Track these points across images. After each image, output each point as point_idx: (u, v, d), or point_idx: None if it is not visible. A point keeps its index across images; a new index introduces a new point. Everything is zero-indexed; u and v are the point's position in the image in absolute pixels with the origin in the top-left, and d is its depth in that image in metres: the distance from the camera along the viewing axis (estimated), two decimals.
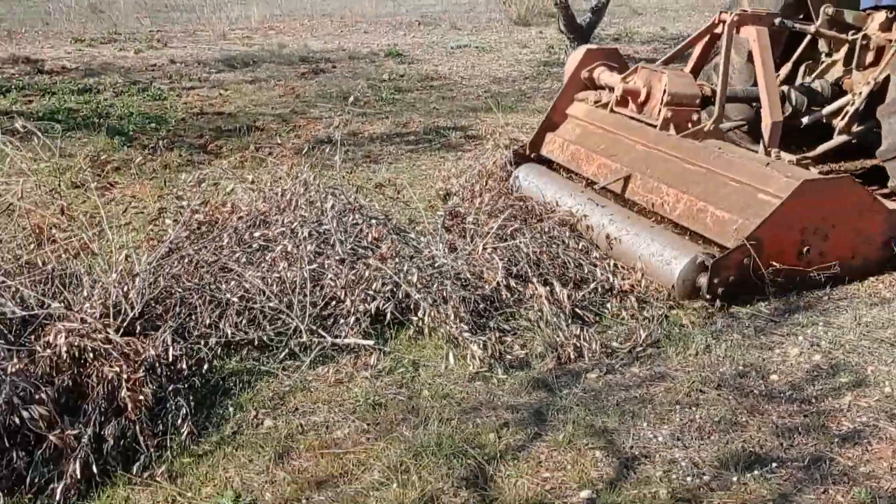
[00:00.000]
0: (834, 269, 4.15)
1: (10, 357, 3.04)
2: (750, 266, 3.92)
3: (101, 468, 2.75)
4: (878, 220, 4.28)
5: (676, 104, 4.83)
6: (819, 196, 4.05)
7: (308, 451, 2.94)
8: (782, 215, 3.95)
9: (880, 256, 4.36)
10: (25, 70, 9.94)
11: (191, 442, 2.95)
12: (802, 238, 4.06)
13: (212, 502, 2.65)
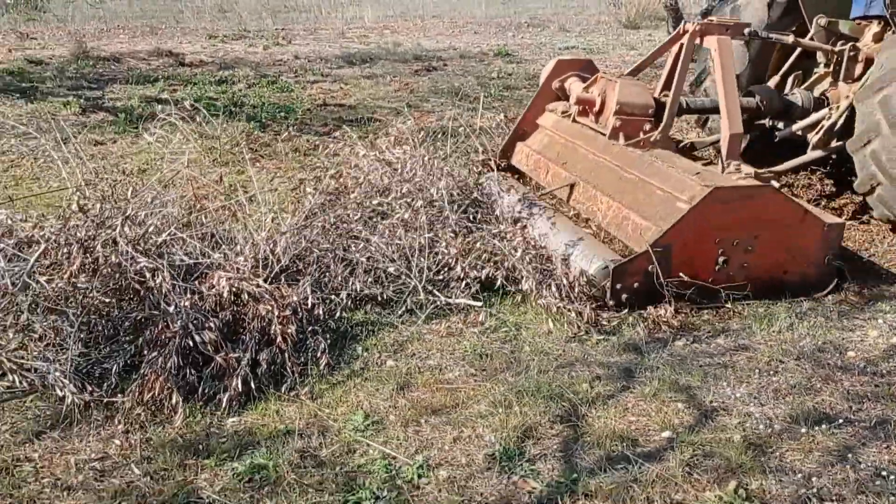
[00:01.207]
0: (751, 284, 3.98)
1: (183, 293, 3.66)
2: (655, 273, 3.85)
3: (257, 386, 3.31)
4: (812, 234, 4.05)
5: (626, 113, 4.82)
6: (736, 205, 3.89)
7: (424, 385, 3.42)
8: (690, 223, 3.84)
9: (819, 274, 4.12)
10: (168, 62, 10.95)
11: (327, 372, 3.48)
12: (720, 249, 3.94)
13: (345, 418, 3.16)
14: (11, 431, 2.99)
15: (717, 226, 3.91)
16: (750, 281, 4.04)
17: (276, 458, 2.88)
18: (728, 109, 4.59)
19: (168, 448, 2.91)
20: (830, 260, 4.14)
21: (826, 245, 4.09)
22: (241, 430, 3.07)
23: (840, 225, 4.18)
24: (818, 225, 4.07)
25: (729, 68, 4.73)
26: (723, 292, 4.00)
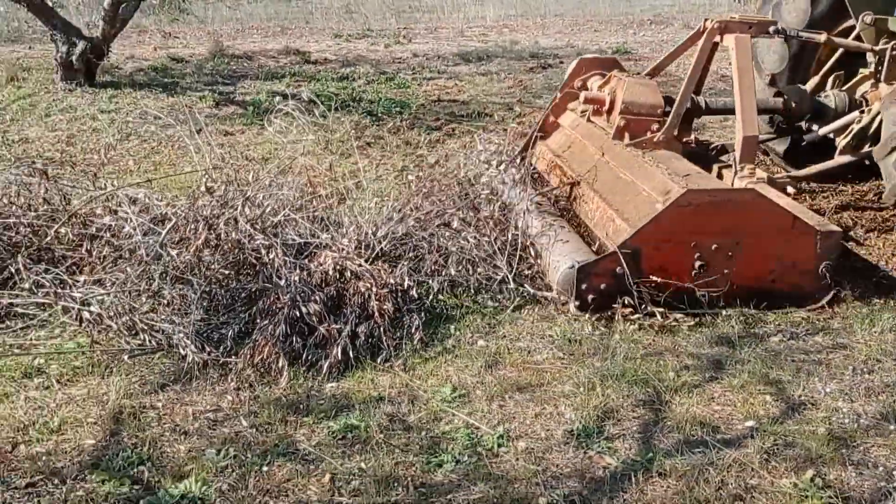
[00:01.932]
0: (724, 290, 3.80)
1: (293, 269, 3.95)
2: (625, 276, 3.74)
3: (354, 356, 3.55)
4: (804, 242, 3.83)
5: (632, 113, 4.73)
6: (712, 209, 3.72)
7: (512, 365, 3.56)
8: (661, 225, 3.72)
9: (813, 285, 3.88)
10: (295, 60, 11.54)
11: (420, 347, 3.68)
12: (696, 253, 3.78)
13: (434, 390, 3.35)
14: (140, 383, 3.35)
15: (692, 230, 3.75)
16: (734, 288, 3.86)
17: (367, 420, 3.10)
18: (743, 111, 4.44)
19: (272, 405, 3.19)
20: (825, 270, 3.88)
21: (820, 254, 3.85)
22: (338, 394, 3.31)
23: (835, 233, 3.90)
24: (810, 233, 3.83)
25: (746, 68, 4.57)
26: (700, 297, 3.83)
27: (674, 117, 4.77)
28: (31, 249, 4.17)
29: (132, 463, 2.81)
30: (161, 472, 2.77)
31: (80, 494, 2.63)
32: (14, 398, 3.21)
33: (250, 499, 2.64)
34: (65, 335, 3.77)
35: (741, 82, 4.53)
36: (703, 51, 4.84)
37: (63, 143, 7.06)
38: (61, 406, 3.16)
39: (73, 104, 8.32)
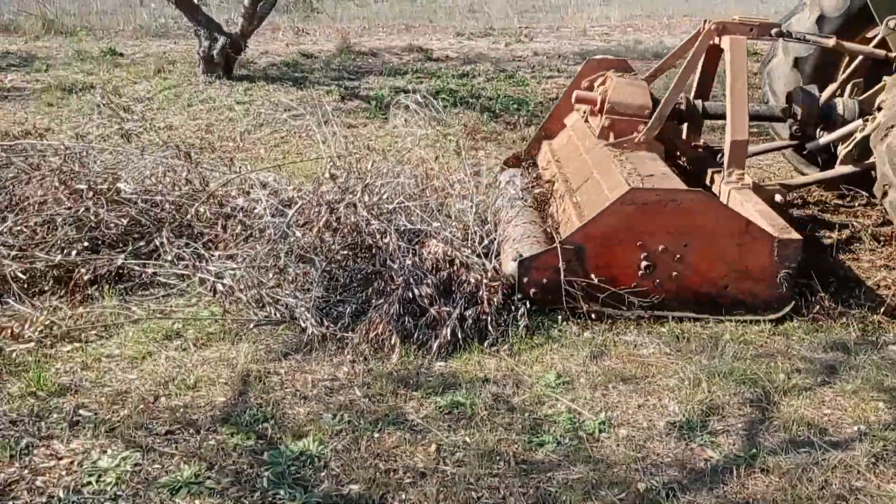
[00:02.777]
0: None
1: (406, 253, 4.14)
2: (567, 272, 3.72)
3: (462, 338, 3.70)
4: (759, 249, 3.70)
5: (617, 113, 4.66)
6: (657, 209, 3.64)
7: (617, 357, 3.61)
8: (604, 223, 3.68)
9: (770, 293, 3.73)
10: (418, 57, 11.84)
11: (526, 335, 3.78)
12: (643, 254, 3.71)
13: (538, 375, 3.45)
14: (265, 350, 3.62)
15: (636, 229, 3.70)
16: (683, 292, 3.78)
17: (473, 398, 3.23)
18: (733, 115, 4.35)
19: (384, 378, 3.37)
20: (785, 279, 3.72)
21: (778, 262, 3.71)
22: (445, 373, 3.46)
23: (795, 241, 3.73)
24: (766, 239, 3.70)
25: (739, 71, 4.45)
26: (651, 298, 3.78)
27: (655, 119, 4.67)
28: (173, 225, 4.55)
29: (257, 420, 3.06)
30: (282, 430, 3.00)
31: (211, 444, 2.89)
32: (156, 357, 3.54)
33: (362, 460, 2.82)
34: (200, 304, 4.10)
35: (733, 86, 4.46)
36: (698, 52, 4.77)
37: (203, 131, 7.58)
38: (196, 366, 3.46)
39: (212, 95, 8.89)
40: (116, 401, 3.16)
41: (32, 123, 7.17)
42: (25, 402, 3.09)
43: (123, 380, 3.33)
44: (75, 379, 3.30)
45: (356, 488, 2.68)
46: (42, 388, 3.17)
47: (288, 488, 2.67)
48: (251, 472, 2.75)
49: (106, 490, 2.62)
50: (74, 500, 2.56)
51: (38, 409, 3.04)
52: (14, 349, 3.47)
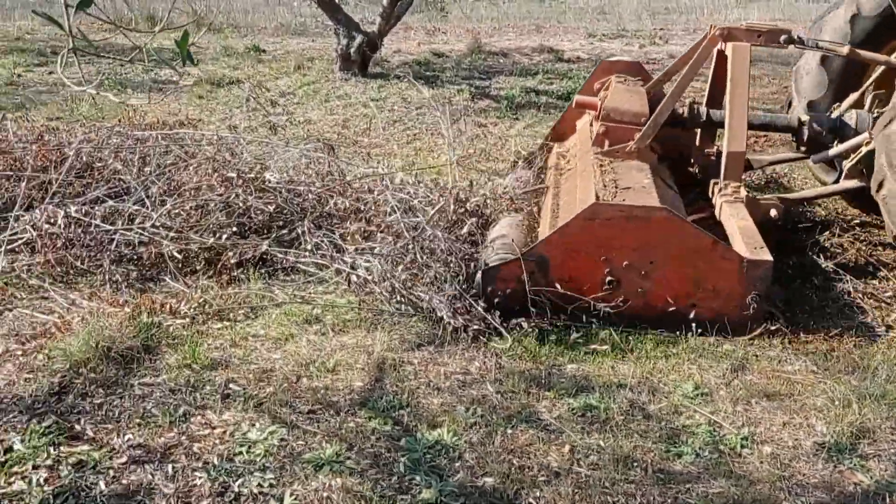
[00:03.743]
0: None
1: None
2: (531, 283, 3.63)
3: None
4: (726, 269, 3.58)
5: (613, 120, 4.51)
6: (621, 224, 3.58)
7: (760, 371, 3.47)
8: (568, 236, 3.64)
9: (739, 315, 3.60)
10: (548, 58, 11.78)
11: (662, 341, 3.71)
12: (606, 269, 3.62)
13: (675, 384, 3.36)
14: (399, 340, 3.70)
15: (600, 243, 3.63)
16: (648, 309, 3.68)
17: (607, 402, 3.19)
18: (731, 125, 4.21)
19: (517, 376, 3.39)
20: (754, 300, 3.58)
21: (746, 283, 3.58)
22: (578, 375, 3.44)
23: (764, 262, 3.59)
24: (734, 259, 3.58)
25: (740, 79, 4.29)
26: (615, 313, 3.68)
27: (649, 128, 4.47)
28: (314, 215, 4.73)
29: (393, 406, 3.14)
30: (418, 419, 3.07)
31: (351, 426, 2.99)
32: (298, 339, 3.69)
33: (496, 455, 2.85)
34: (337, 292, 4.24)
35: (733, 94, 4.31)
36: (700, 59, 4.62)
37: (339, 126, 7.83)
38: (335, 350, 3.58)
39: (347, 92, 9.18)
40: (262, 378, 3.32)
41: (185, 114, 7.62)
42: (182, 373, 3.30)
43: (268, 359, 3.49)
44: (225, 355, 3.49)
45: (490, 481, 2.71)
46: (196, 361, 3.37)
47: (424, 475, 2.73)
48: (388, 457, 2.83)
49: (255, 461, 2.76)
50: (227, 468, 2.71)
51: (193, 380, 3.24)
52: (171, 324, 3.70)
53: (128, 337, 3.43)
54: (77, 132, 5.79)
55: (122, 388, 3.16)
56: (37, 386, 3.12)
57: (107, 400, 3.06)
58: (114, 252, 4.29)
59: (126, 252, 4.35)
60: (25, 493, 2.54)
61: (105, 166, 5.11)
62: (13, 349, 3.40)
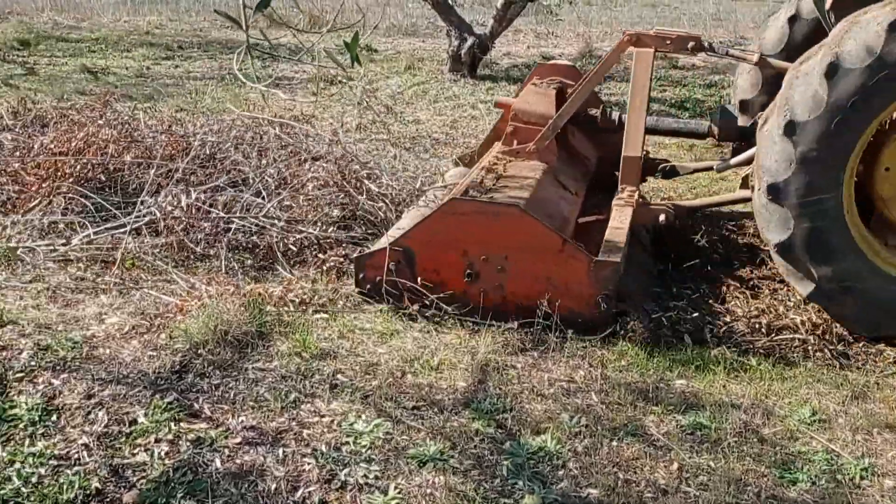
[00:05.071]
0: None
1: None
2: (398, 271, 3.80)
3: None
4: (577, 269, 3.66)
5: (521, 121, 4.67)
6: (476, 220, 3.73)
7: (882, 401, 3.30)
8: (428, 230, 3.80)
9: (592, 314, 3.67)
10: (662, 65, 11.54)
11: (776, 362, 3.57)
12: (466, 262, 3.76)
13: (791, 408, 3.23)
14: (503, 343, 3.69)
15: (459, 238, 3.77)
16: (507, 303, 3.77)
17: (718, 423, 3.09)
18: (629, 130, 4.29)
19: (623, 388, 3.32)
20: (603, 300, 3.64)
21: (596, 283, 3.65)
22: (687, 392, 3.35)
23: (612, 263, 3.65)
24: (582, 259, 3.65)
25: (641, 86, 4.35)
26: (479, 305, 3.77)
27: (548, 129, 4.58)
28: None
29: (497, 409, 3.14)
30: (521, 424, 3.06)
31: (454, 425, 3.01)
32: (402, 335, 3.73)
33: (601, 466, 2.80)
34: None
35: (632, 101, 4.37)
36: (608, 63, 4.72)
37: (447, 126, 7.90)
38: (439, 349, 3.61)
39: (456, 93, 9.25)
40: (369, 371, 3.38)
41: (300, 110, 7.86)
42: (293, 360, 3.40)
43: (374, 352, 3.55)
44: (333, 346, 3.57)
45: (595, 493, 2.67)
46: (306, 350, 3.47)
47: (527, 480, 2.72)
48: (491, 459, 2.83)
49: (361, 452, 2.81)
50: (334, 456, 2.77)
51: (303, 368, 3.33)
52: (283, 313, 3.82)
53: (243, 322, 3.56)
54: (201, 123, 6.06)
55: (237, 371, 3.28)
56: (159, 363, 3.28)
57: (223, 381, 3.19)
58: (231, 239, 4.47)
59: (242, 240, 4.52)
60: (147, 464, 2.68)
61: (226, 157, 5.33)
62: (139, 327, 3.59)
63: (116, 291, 3.96)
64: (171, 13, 15.26)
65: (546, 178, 4.46)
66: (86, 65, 9.81)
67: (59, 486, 2.54)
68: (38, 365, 3.18)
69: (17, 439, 2.76)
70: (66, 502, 2.49)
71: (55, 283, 4.00)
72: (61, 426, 2.84)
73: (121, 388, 3.07)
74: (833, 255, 3.60)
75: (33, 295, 3.87)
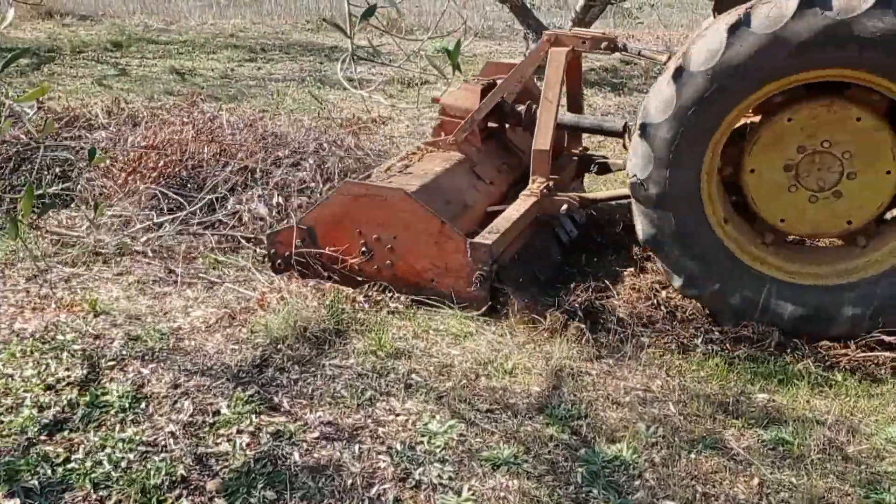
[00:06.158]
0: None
1: None
2: (304, 247, 4.09)
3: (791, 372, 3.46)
4: (453, 249, 3.92)
5: (448, 115, 4.90)
6: (368, 202, 4.01)
7: None
8: (327, 210, 4.09)
9: (469, 292, 3.92)
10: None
11: (862, 378, 3.45)
12: (361, 240, 4.05)
13: (878, 426, 3.11)
14: (578, 349, 3.66)
15: (354, 218, 4.04)
16: (398, 280, 4.05)
17: (801, 439, 3.00)
18: (539, 126, 4.53)
19: (702, 399, 3.26)
20: (478, 279, 3.88)
21: (471, 263, 3.88)
22: (769, 407, 3.26)
23: (484, 245, 3.87)
24: (459, 241, 3.90)
25: (553, 83, 4.60)
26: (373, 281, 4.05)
27: (467, 122, 4.72)
28: None
29: (572, 416, 3.12)
30: (596, 431, 3.03)
31: (528, 430, 3.00)
32: (476, 338, 3.75)
33: (678, 478, 2.75)
34: None
35: (544, 97, 4.59)
36: (529, 61, 4.86)
37: None
38: (513, 352, 3.61)
39: None
40: (443, 372, 3.40)
41: (377, 112, 7.96)
42: (368, 358, 3.45)
43: (448, 354, 3.57)
44: (408, 346, 3.61)
45: None
46: (382, 349, 3.52)
47: (602, 489, 2.69)
48: (566, 465, 2.82)
49: (435, 452, 2.83)
50: (409, 455, 2.80)
51: (379, 367, 3.38)
52: (359, 311, 3.88)
53: (321, 319, 3.64)
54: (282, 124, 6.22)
55: (315, 367, 3.35)
56: (241, 357, 3.38)
57: (301, 377, 3.26)
58: None
59: None
60: (230, 454, 2.76)
61: (303, 157, 5.45)
62: (223, 321, 3.70)
63: (201, 286, 4.10)
64: (255, 16, 15.67)
65: (458, 167, 4.64)
66: (174, 66, 10.17)
67: (147, 471, 2.65)
68: (128, 354, 3.32)
69: (108, 425, 2.89)
70: (153, 487, 2.59)
71: (143, 276, 4.17)
72: (149, 414, 2.95)
73: (205, 379, 3.17)
74: (696, 250, 3.74)
75: (124, 287, 4.04)
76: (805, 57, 3.35)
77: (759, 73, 3.42)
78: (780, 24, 3.31)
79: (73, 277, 4.13)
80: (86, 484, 2.59)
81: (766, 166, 3.71)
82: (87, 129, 5.76)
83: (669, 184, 3.66)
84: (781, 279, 3.75)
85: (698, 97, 3.51)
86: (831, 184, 3.66)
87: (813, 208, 3.71)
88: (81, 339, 3.41)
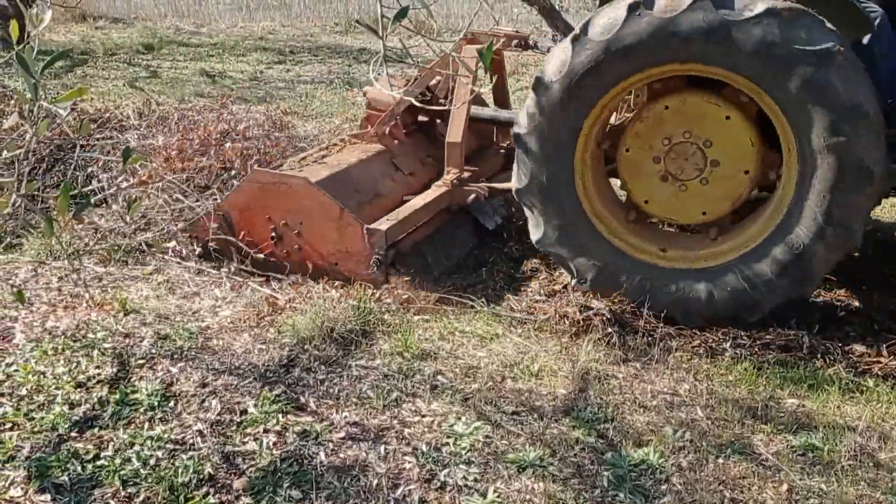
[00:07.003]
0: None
1: None
2: (222, 233, 4.26)
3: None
4: (352, 234, 4.14)
5: (373, 108, 5.04)
6: (274, 189, 4.19)
7: None
8: (239, 197, 4.29)
9: (366, 276, 4.15)
10: None
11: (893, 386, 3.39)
12: (272, 225, 4.24)
13: None
14: (605, 352, 3.64)
15: (263, 204, 4.22)
16: (305, 264, 4.24)
17: (831, 445, 2.95)
18: (452, 120, 4.76)
19: (730, 404, 3.22)
20: (375, 263, 4.10)
21: (370, 248, 4.10)
22: (799, 412, 3.21)
23: (379, 231, 4.09)
24: (357, 226, 4.12)
25: (465, 79, 4.71)
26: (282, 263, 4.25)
27: (386, 115, 4.90)
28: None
29: (598, 419, 3.10)
30: (622, 435, 3.01)
31: (554, 432, 2.99)
32: (503, 339, 3.74)
33: (706, 483, 2.73)
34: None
35: (456, 93, 4.78)
36: (445, 58, 4.80)
37: None
38: (539, 355, 3.59)
39: None
40: (468, 374, 3.40)
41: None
42: (394, 360, 3.46)
43: (474, 356, 3.57)
44: (434, 347, 3.61)
45: None
46: (408, 350, 3.52)
47: (628, 493, 2.67)
48: (592, 469, 2.80)
49: (461, 453, 2.83)
50: (434, 456, 2.80)
51: (405, 368, 3.38)
52: (385, 312, 3.89)
53: (348, 320, 3.65)
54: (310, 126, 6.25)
55: (342, 367, 3.36)
56: (268, 357, 3.40)
57: (328, 377, 3.28)
58: None
59: None
60: (256, 453, 2.78)
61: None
62: (250, 321, 3.73)
63: (229, 286, 4.14)
64: (284, 19, 15.79)
65: (375, 158, 4.81)
66: (204, 68, 10.28)
67: (175, 469, 2.68)
68: (157, 353, 3.36)
69: (137, 423, 2.93)
70: (181, 485, 2.62)
71: (173, 276, 4.21)
72: (178, 412, 2.99)
73: (233, 378, 3.20)
74: (559, 212, 3.94)
75: (153, 286, 4.09)
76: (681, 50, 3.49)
77: (643, 56, 3.56)
78: (673, 15, 3.45)
79: (105, 276, 4.19)
80: (115, 481, 2.63)
81: (638, 148, 3.88)
82: (119, 129, 5.84)
83: (548, 139, 3.85)
84: (631, 254, 3.94)
85: (590, 63, 3.65)
86: (691, 175, 3.83)
87: (674, 195, 3.89)
88: (112, 337, 3.46)
